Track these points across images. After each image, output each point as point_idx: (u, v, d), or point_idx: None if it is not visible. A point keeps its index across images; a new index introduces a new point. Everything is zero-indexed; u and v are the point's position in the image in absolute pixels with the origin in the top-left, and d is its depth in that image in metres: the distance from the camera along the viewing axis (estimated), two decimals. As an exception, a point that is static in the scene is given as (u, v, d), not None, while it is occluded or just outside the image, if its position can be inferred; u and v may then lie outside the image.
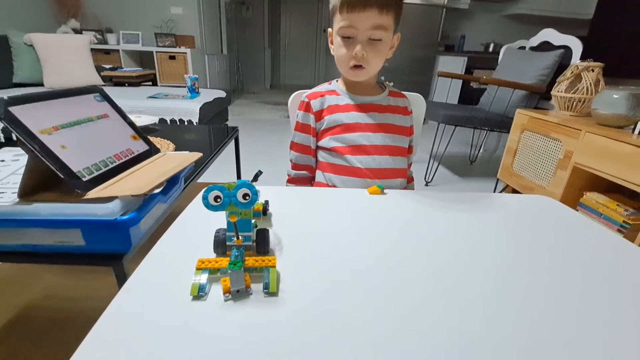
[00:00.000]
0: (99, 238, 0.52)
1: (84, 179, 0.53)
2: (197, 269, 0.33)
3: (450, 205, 0.56)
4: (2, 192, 0.56)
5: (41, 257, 0.54)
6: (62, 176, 0.50)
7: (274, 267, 0.35)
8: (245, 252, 0.36)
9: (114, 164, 0.60)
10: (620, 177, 1.22)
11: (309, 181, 0.80)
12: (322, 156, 0.75)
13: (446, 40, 4.19)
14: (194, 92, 2.36)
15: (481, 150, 3.00)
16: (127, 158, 0.64)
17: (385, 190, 0.61)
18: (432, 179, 2.19)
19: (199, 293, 0.31)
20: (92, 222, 0.50)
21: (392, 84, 2.88)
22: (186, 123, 2.12)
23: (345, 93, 0.74)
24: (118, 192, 0.51)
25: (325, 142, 0.73)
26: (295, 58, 6.92)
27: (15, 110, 0.50)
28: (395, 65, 3.88)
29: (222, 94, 2.73)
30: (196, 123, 2.12)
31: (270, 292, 0.32)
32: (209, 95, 2.46)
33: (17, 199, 0.53)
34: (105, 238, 0.52)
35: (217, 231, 0.37)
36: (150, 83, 3.14)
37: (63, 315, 0.82)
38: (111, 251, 0.55)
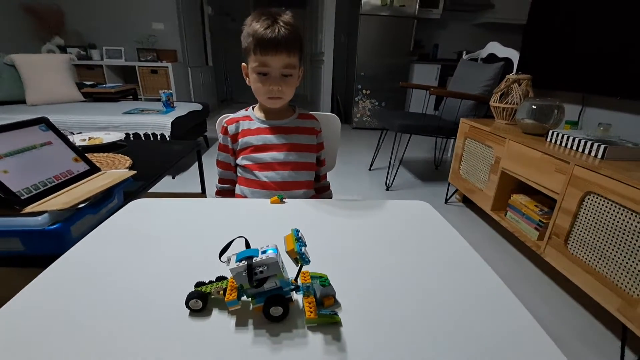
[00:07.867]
0: (35, 244, 0.66)
1: (22, 197, 0.66)
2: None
3: (338, 211, 0.68)
4: (-42, 209, 0.70)
5: (-10, 260, 0.67)
6: (3, 195, 0.64)
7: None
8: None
9: (53, 184, 0.74)
10: (532, 180, 1.37)
11: (233, 193, 0.93)
12: (239, 172, 0.89)
13: (420, 49, 4.37)
14: (168, 106, 2.50)
15: (449, 155, 3.15)
16: (66, 178, 0.77)
17: (284, 200, 0.75)
18: (392, 184, 2.33)
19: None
20: (26, 232, 0.63)
21: (368, 91, 3.07)
22: (159, 137, 2.25)
23: (257, 118, 0.88)
24: (47, 207, 0.64)
25: (240, 160, 0.87)
26: (282, 67, 7.08)
27: (-36, 144, 0.63)
28: (372, 74, 4.04)
29: (198, 107, 2.87)
30: (169, 137, 2.25)
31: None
32: (183, 109, 2.60)
33: (-31, 215, 0.67)
34: (39, 243, 0.66)
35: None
36: (132, 97, 3.28)
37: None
38: (48, 253, 0.68)
